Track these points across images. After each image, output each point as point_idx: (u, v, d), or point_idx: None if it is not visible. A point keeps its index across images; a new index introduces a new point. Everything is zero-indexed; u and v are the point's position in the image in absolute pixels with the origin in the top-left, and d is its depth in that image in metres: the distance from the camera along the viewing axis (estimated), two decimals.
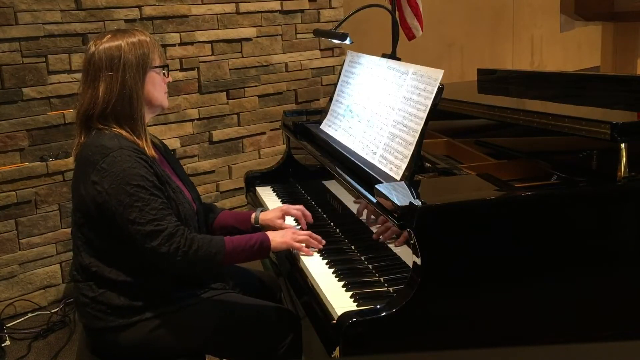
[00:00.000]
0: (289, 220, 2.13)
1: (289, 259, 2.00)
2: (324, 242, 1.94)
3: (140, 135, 1.78)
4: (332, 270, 1.81)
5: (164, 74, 1.87)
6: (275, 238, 1.86)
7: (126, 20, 3.38)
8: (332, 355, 1.51)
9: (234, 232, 2.14)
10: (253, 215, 2.09)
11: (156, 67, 1.83)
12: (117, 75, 1.75)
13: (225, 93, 3.86)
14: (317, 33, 2.69)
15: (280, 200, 2.49)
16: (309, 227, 2.09)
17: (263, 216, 2.09)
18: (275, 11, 4.01)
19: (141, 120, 1.80)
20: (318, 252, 1.92)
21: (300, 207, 2.11)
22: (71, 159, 1.86)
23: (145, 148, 1.77)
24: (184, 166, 3.69)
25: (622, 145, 1.64)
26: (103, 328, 1.75)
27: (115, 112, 1.76)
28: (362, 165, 1.91)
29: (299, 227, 2.08)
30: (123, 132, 1.75)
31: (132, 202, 1.66)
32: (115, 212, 1.67)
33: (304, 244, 1.90)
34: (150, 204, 1.67)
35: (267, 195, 2.56)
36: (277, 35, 4.04)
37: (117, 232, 1.69)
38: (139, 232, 1.66)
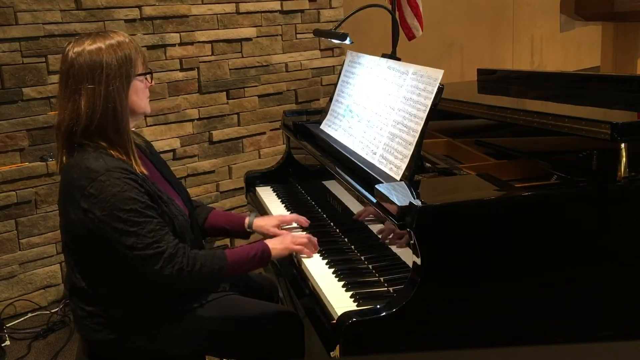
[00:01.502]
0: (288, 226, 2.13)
1: (290, 259, 2.00)
2: (317, 247, 1.94)
3: (127, 150, 1.69)
4: (332, 270, 1.81)
5: (146, 79, 1.77)
6: (276, 246, 1.85)
7: (126, 20, 3.38)
8: (332, 355, 1.51)
9: (224, 234, 2.13)
10: (247, 220, 2.07)
11: (139, 74, 1.74)
12: (99, 88, 1.65)
13: (225, 93, 3.86)
14: (317, 33, 2.69)
15: (280, 200, 2.48)
16: (308, 227, 2.09)
17: (258, 222, 2.07)
18: (275, 11, 4.01)
19: (127, 134, 1.70)
20: (318, 252, 1.92)
21: (295, 215, 2.11)
22: None
23: (133, 164, 1.69)
24: (184, 166, 3.70)
25: (622, 145, 1.64)
26: (102, 340, 1.73)
27: (99, 128, 1.66)
28: (362, 165, 1.90)
29: (297, 230, 2.08)
30: (109, 150, 1.67)
31: (128, 228, 1.60)
32: (112, 239, 1.62)
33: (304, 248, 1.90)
34: (146, 227, 1.62)
35: (267, 195, 2.56)
36: (277, 35, 4.04)
37: (113, 255, 1.65)
38: (139, 257, 1.62)
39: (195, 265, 1.67)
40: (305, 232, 2.07)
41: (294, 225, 2.12)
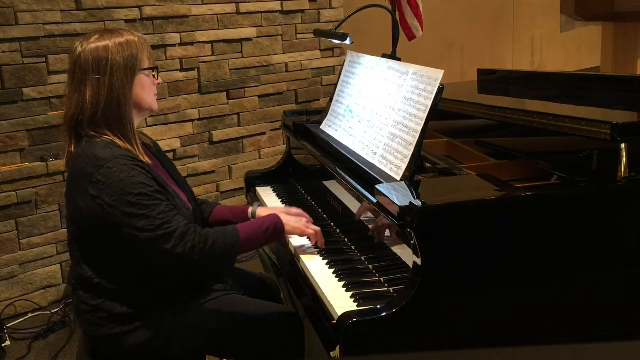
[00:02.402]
0: None
1: (289, 259, 2.00)
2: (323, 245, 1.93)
3: (131, 141, 1.74)
4: (332, 270, 1.81)
5: (153, 75, 1.81)
6: (289, 222, 1.85)
7: (126, 20, 3.38)
8: (332, 355, 1.51)
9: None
10: (250, 210, 2.08)
11: (145, 69, 1.78)
12: (104, 79, 1.70)
13: (225, 93, 3.86)
14: (317, 33, 2.69)
15: (280, 200, 2.48)
16: None
17: (261, 211, 2.07)
18: (275, 11, 4.01)
19: (130, 125, 1.74)
20: (318, 252, 1.92)
21: (300, 210, 2.10)
22: None
23: (138, 154, 1.73)
24: (184, 166, 3.70)
25: (622, 145, 1.64)
26: (104, 335, 1.73)
27: (104, 117, 1.71)
28: (362, 165, 1.90)
29: None
30: (115, 140, 1.71)
31: (137, 211, 1.63)
32: (122, 223, 1.63)
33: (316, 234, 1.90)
34: (155, 209, 1.64)
35: (267, 196, 2.56)
36: (277, 35, 4.04)
37: (120, 242, 1.66)
38: (151, 238, 1.63)
39: (207, 242, 1.68)
40: None
41: None
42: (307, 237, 1.93)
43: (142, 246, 1.65)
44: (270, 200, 2.49)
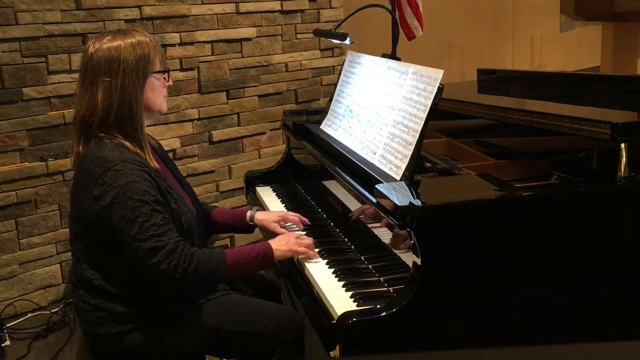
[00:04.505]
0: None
1: (289, 259, 2.00)
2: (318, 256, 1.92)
3: (141, 145, 1.73)
4: (332, 270, 1.81)
5: (164, 78, 1.81)
6: (280, 247, 1.84)
7: (126, 20, 3.38)
8: (332, 355, 1.51)
9: (227, 229, 2.14)
10: (248, 213, 2.09)
11: (156, 72, 1.78)
12: (116, 81, 1.69)
13: (225, 93, 3.86)
14: (317, 33, 2.69)
15: (280, 200, 2.48)
16: (308, 226, 2.10)
17: (259, 215, 2.08)
18: (275, 11, 4.01)
19: (141, 128, 1.74)
20: (318, 252, 1.92)
21: (298, 215, 2.11)
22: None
23: (147, 159, 1.72)
24: (184, 166, 3.70)
25: (622, 145, 1.64)
26: (105, 334, 1.73)
27: (116, 121, 1.70)
28: (362, 165, 1.91)
29: (293, 229, 2.10)
30: (125, 143, 1.70)
31: (134, 218, 1.62)
32: (117, 227, 1.63)
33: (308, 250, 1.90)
34: (151, 220, 1.63)
35: (267, 195, 2.56)
36: (277, 35, 4.04)
37: (120, 245, 1.66)
38: (139, 249, 1.62)
39: (191, 263, 1.66)
40: (304, 232, 2.08)
41: (292, 225, 2.13)
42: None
43: (129, 255, 1.64)
44: (270, 200, 2.49)
